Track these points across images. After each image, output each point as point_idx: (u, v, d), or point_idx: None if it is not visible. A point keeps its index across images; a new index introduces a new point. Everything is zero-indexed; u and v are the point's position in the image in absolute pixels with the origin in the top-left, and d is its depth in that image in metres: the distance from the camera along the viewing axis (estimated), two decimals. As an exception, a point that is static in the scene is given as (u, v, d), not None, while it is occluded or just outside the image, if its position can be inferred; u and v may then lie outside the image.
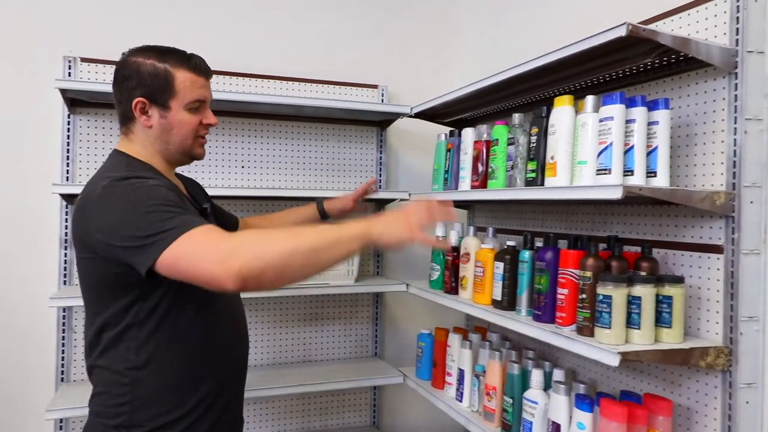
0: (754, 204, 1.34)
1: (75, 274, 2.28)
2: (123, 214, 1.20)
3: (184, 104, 1.37)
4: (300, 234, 1.18)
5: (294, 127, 2.59)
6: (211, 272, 1.11)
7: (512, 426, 1.71)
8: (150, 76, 1.34)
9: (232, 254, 1.11)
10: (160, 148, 1.39)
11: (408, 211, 1.28)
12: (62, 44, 2.28)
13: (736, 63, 1.35)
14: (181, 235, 1.14)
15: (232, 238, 1.17)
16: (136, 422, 1.29)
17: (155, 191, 1.23)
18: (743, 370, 1.33)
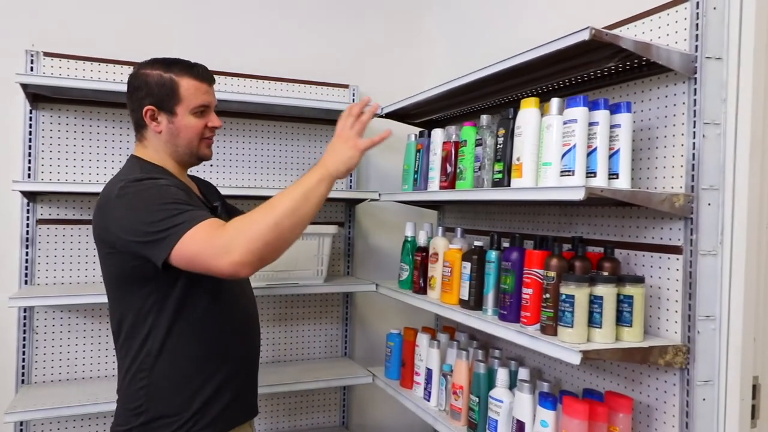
0: (711, 206, 1.38)
1: (36, 273, 2.24)
2: (138, 212, 1.31)
3: (189, 109, 1.49)
4: (275, 203, 1.29)
5: (264, 126, 2.58)
6: (219, 268, 1.24)
7: (478, 424, 1.73)
8: (157, 85, 1.47)
9: (228, 248, 1.23)
10: (170, 151, 1.52)
11: (340, 133, 1.44)
12: (24, 38, 2.23)
13: (696, 68, 1.39)
14: (189, 230, 1.26)
15: (225, 230, 1.26)
16: (151, 407, 1.41)
17: (165, 190, 1.35)
18: (700, 368, 1.36)
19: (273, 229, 1.25)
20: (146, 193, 1.34)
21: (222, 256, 1.22)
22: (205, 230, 1.26)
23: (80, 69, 2.28)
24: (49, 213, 2.25)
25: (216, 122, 1.55)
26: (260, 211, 1.28)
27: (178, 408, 1.42)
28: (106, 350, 2.33)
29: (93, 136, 2.31)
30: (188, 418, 1.43)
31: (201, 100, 1.50)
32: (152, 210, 1.30)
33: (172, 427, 1.41)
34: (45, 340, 2.25)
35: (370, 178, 2.82)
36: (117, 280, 1.43)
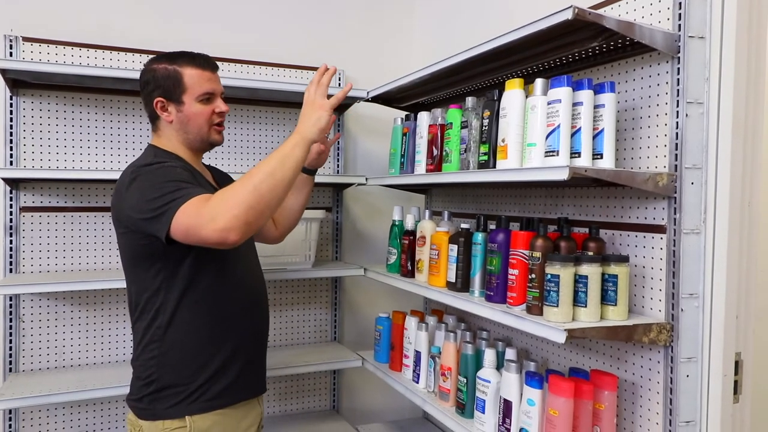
0: (694, 185, 1.39)
1: (21, 261, 2.22)
2: (144, 191, 1.40)
3: (195, 97, 1.56)
4: (253, 171, 1.36)
5: (248, 110, 2.56)
6: (208, 236, 1.30)
7: (466, 405, 1.74)
8: (163, 78, 1.56)
9: (213, 216, 1.29)
10: (182, 139, 1.60)
11: (305, 101, 1.54)
12: (2, 23, 2.19)
13: (679, 48, 1.39)
14: (182, 204, 1.32)
15: (209, 201, 1.33)
16: (160, 378, 1.50)
17: (170, 170, 1.45)
18: (684, 345, 1.38)
19: (252, 192, 1.32)
20: (152, 174, 1.43)
21: (208, 224, 1.29)
22: (195, 203, 1.33)
23: (61, 54, 2.24)
24: (33, 200, 2.23)
25: (222, 107, 1.61)
26: (239, 180, 1.37)
27: (186, 379, 1.50)
28: (93, 338, 2.32)
29: (75, 122, 2.29)
30: (195, 389, 1.50)
31: (205, 87, 1.57)
32: (155, 188, 1.38)
33: (180, 396, 1.50)
34: (32, 329, 2.24)
35: (357, 163, 2.81)
36: (131, 259, 1.54)
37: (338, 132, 2.61)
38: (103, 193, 2.32)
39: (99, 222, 2.32)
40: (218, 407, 1.53)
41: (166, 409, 1.50)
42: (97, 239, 2.32)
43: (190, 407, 1.50)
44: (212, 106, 1.60)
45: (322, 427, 2.52)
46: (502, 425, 1.57)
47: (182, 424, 1.49)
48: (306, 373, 2.63)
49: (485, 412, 1.64)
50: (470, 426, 1.68)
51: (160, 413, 1.50)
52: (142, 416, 1.53)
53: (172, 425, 1.49)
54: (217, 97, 1.62)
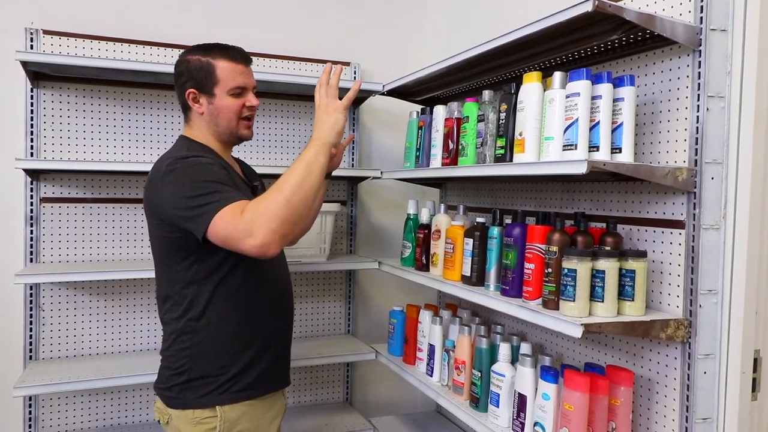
0: (714, 180, 1.36)
1: (41, 251, 2.24)
2: (182, 187, 1.40)
3: (226, 90, 1.55)
4: (281, 183, 1.36)
5: (265, 104, 2.56)
6: (246, 251, 1.32)
7: (480, 398, 1.73)
8: (196, 69, 1.55)
9: (249, 231, 1.30)
10: (212, 132, 1.60)
11: (318, 105, 1.53)
12: (23, 16, 2.21)
13: (700, 41, 1.36)
14: (220, 210, 1.33)
15: (245, 214, 1.32)
16: (191, 368, 1.51)
17: (207, 168, 1.44)
18: (702, 341, 1.36)
19: (285, 206, 1.32)
20: (190, 169, 1.43)
21: (246, 239, 1.30)
22: (232, 212, 1.33)
23: (80, 47, 2.26)
24: (53, 191, 2.25)
25: (253, 101, 1.60)
26: (271, 193, 1.36)
27: (217, 370, 1.52)
28: (111, 327, 2.34)
29: (94, 114, 2.30)
30: (226, 380, 1.52)
31: (237, 81, 1.56)
32: (194, 186, 1.39)
33: (211, 387, 1.51)
34: (51, 317, 2.26)
35: (372, 157, 2.80)
36: (164, 251, 1.54)
37: (351, 133, 2.59)
38: (122, 185, 2.34)
39: (117, 213, 2.34)
40: (247, 398, 1.54)
41: (197, 398, 1.51)
42: (115, 230, 2.34)
43: (220, 397, 1.51)
44: (243, 100, 1.58)
45: (335, 419, 2.52)
46: (516, 419, 1.56)
47: (212, 414, 1.50)
48: (320, 365, 2.64)
49: (499, 406, 1.63)
50: (484, 420, 1.67)
51: (190, 402, 1.51)
52: (171, 405, 1.54)
53: (203, 414, 1.50)
54: (248, 91, 1.60)
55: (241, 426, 1.52)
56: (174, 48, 2.37)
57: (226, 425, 1.50)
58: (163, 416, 1.57)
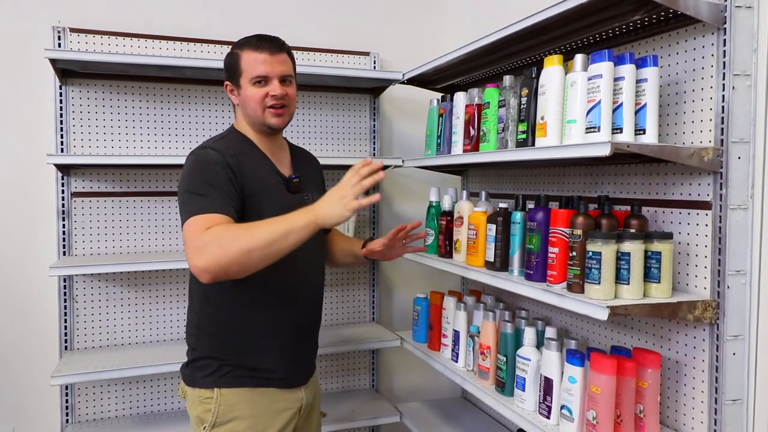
0: (741, 159, 1.34)
1: (73, 244, 2.29)
2: (184, 179, 1.49)
3: (249, 80, 1.57)
4: (256, 232, 1.35)
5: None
6: (190, 263, 1.37)
7: (506, 383, 1.73)
8: (228, 62, 1.62)
9: (200, 251, 1.34)
10: (248, 121, 1.63)
11: (341, 185, 1.40)
12: (51, 15, 2.24)
13: (725, 18, 1.33)
14: (192, 216, 1.40)
15: (206, 234, 1.35)
16: (198, 348, 1.58)
17: (210, 167, 1.47)
18: (730, 322, 1.34)
19: (244, 254, 1.33)
20: (195, 164, 1.50)
21: (194, 255, 1.34)
22: (198, 224, 1.38)
23: (105, 43, 2.29)
24: (83, 186, 2.29)
25: (276, 90, 1.57)
26: (241, 232, 1.36)
27: (220, 353, 1.55)
28: (142, 317, 2.38)
29: (121, 110, 2.33)
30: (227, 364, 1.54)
31: (257, 70, 1.56)
32: (190, 182, 1.47)
33: (212, 368, 1.55)
34: (84, 308, 2.31)
35: (392, 146, 2.80)
36: None
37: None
38: (149, 178, 2.37)
39: (146, 206, 2.37)
40: (245, 385, 1.55)
41: (201, 378, 1.56)
42: (144, 222, 2.37)
43: (220, 380, 1.54)
44: (266, 89, 1.57)
45: (362, 406, 2.54)
46: (542, 403, 1.55)
47: (211, 395, 1.54)
48: (346, 352, 2.66)
49: (525, 390, 1.63)
50: (510, 404, 1.67)
51: (197, 381, 1.56)
52: (186, 382, 1.61)
53: (205, 394, 1.54)
54: (272, 80, 1.58)
55: (239, 412, 1.53)
56: (197, 42, 2.39)
57: (222, 408, 1.52)
58: (183, 393, 1.63)
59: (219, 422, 1.52)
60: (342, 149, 2.67)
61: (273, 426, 1.57)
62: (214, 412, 1.52)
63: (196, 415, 1.55)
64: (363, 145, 2.70)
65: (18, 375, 2.28)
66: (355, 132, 2.69)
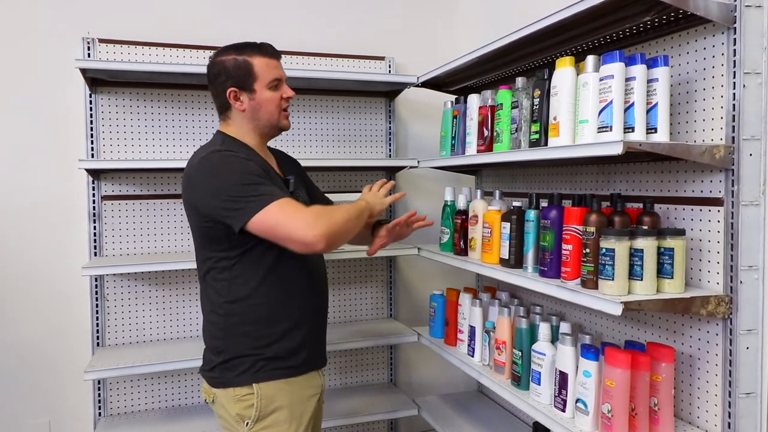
0: (753, 156, 1.32)
1: (104, 245, 2.32)
2: (221, 179, 1.44)
3: (265, 84, 1.57)
4: (347, 209, 1.52)
5: (305, 100, 2.58)
6: (304, 236, 1.38)
7: (521, 377, 1.72)
8: (234, 68, 1.57)
9: (314, 223, 1.38)
10: (253, 126, 1.61)
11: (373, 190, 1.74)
12: (81, 27, 2.28)
13: (735, 18, 1.31)
14: (271, 203, 1.38)
15: (309, 211, 1.42)
16: (228, 349, 1.54)
17: (245, 164, 1.47)
18: (743, 317, 1.32)
19: (345, 223, 1.47)
20: (229, 164, 1.46)
21: (306, 229, 1.37)
22: (294, 205, 1.41)
23: (132, 53, 2.32)
24: (113, 190, 2.32)
25: (289, 92, 1.63)
26: (337, 210, 1.50)
27: (253, 350, 1.53)
28: (169, 315, 2.41)
29: (148, 116, 2.36)
30: (261, 359, 1.53)
31: (273, 74, 1.59)
32: (236, 179, 1.43)
33: (247, 365, 1.52)
34: (115, 307, 2.34)
35: (408, 147, 2.80)
36: (200, 238, 1.57)
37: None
38: (174, 181, 2.40)
39: (172, 208, 2.40)
40: (282, 376, 1.55)
41: (235, 377, 1.53)
42: (170, 223, 2.40)
43: (256, 375, 1.52)
44: (280, 92, 1.61)
45: (381, 399, 2.54)
46: (558, 396, 1.54)
47: (250, 391, 1.51)
48: (365, 347, 2.66)
49: (541, 384, 1.62)
50: (526, 397, 1.66)
51: (230, 381, 1.53)
52: (214, 384, 1.57)
53: (242, 392, 1.52)
54: (283, 83, 1.63)
55: (279, 402, 1.53)
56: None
57: (263, 402, 1.51)
58: (209, 396, 1.60)
59: (262, 416, 1.52)
60: (359, 151, 2.67)
61: (307, 411, 1.59)
62: (256, 406, 1.51)
63: (236, 413, 1.53)
64: (379, 146, 2.70)
65: (53, 370, 2.31)
66: (371, 134, 2.69)
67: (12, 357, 2.27)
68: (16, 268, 2.27)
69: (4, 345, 2.26)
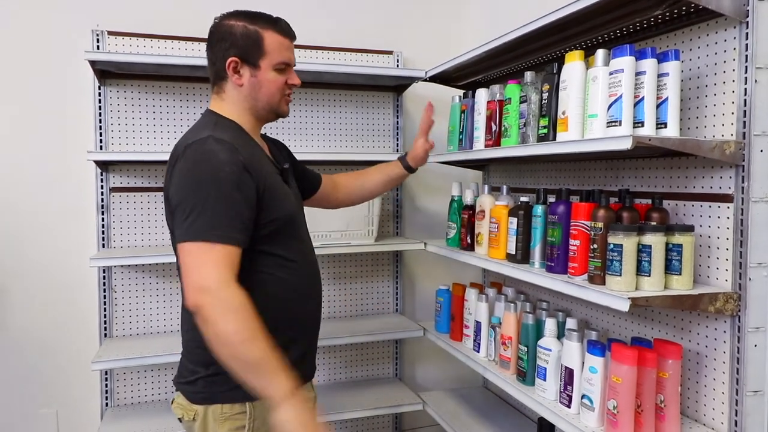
0: (764, 152, 1.30)
1: (112, 237, 2.32)
2: (186, 183, 1.23)
3: (272, 64, 1.38)
4: (251, 341, 1.15)
5: (313, 93, 2.57)
6: (187, 293, 1.17)
7: (527, 372, 1.71)
8: (242, 36, 1.36)
9: (207, 289, 1.14)
10: (249, 106, 1.40)
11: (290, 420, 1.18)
12: (90, 19, 2.28)
13: (747, 12, 1.29)
14: (205, 242, 1.17)
15: (229, 294, 1.16)
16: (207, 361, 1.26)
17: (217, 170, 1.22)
18: (752, 314, 1.30)
19: (225, 345, 1.15)
20: (201, 164, 1.23)
21: (197, 292, 1.15)
22: (216, 259, 1.17)
23: (141, 45, 2.32)
24: (120, 182, 2.32)
25: (296, 80, 1.44)
26: (245, 331, 1.15)
27: None
28: (177, 307, 2.42)
29: (156, 109, 2.36)
30: None
31: (283, 56, 1.40)
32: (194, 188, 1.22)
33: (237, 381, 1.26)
34: (122, 298, 2.35)
35: (416, 142, 2.78)
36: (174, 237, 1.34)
37: None
38: (182, 175, 2.40)
39: (179, 201, 2.40)
40: None
41: (225, 392, 1.29)
42: (177, 217, 2.40)
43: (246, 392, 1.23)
44: (286, 77, 1.42)
45: (386, 393, 2.54)
46: (563, 392, 1.53)
47: (242, 410, 1.31)
48: (370, 342, 2.66)
49: (546, 380, 1.61)
50: (531, 393, 1.66)
51: (218, 396, 1.31)
52: (196, 400, 1.32)
53: (233, 410, 1.30)
54: (291, 68, 1.44)
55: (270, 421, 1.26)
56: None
57: (256, 422, 1.30)
58: (187, 413, 1.34)
59: None
60: (367, 145, 2.67)
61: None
62: (249, 427, 1.30)
63: None
64: (387, 141, 2.69)
65: (61, 361, 2.33)
66: (379, 128, 2.68)
67: (21, 347, 2.29)
68: (26, 259, 2.28)
69: (14, 335, 2.28)
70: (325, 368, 2.66)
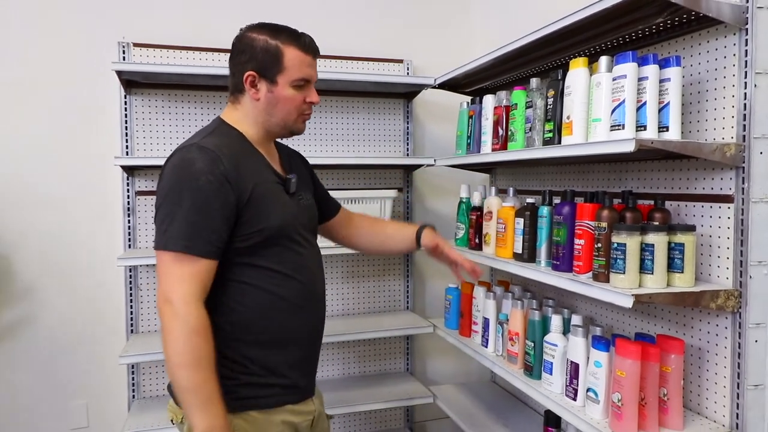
0: (763, 154, 1.29)
1: (138, 237, 2.34)
2: (163, 187, 1.22)
3: (290, 81, 1.32)
4: (188, 368, 1.15)
5: (327, 100, 2.58)
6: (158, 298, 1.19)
7: (534, 367, 1.71)
8: (262, 51, 1.31)
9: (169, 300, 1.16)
10: (263, 120, 1.35)
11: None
12: (117, 32, 2.31)
13: (746, 19, 1.28)
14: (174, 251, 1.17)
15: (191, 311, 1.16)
16: None
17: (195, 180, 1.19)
18: (752, 311, 1.29)
19: (177, 361, 1.16)
20: (179, 171, 1.20)
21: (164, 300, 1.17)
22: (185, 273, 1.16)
23: (165, 56, 2.34)
24: (145, 185, 2.34)
25: (314, 98, 1.37)
26: (197, 357, 1.16)
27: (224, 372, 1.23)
28: (199, 305, 2.43)
29: (179, 117, 2.38)
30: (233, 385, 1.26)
31: (303, 73, 1.33)
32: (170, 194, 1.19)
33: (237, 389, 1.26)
34: (147, 295, 2.37)
35: (425, 147, 2.79)
36: None
37: None
38: (204, 178, 2.41)
39: (200, 204, 2.41)
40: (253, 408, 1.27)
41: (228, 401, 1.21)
42: (199, 219, 2.42)
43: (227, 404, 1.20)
44: (304, 94, 1.35)
45: (398, 387, 2.54)
46: (569, 386, 1.53)
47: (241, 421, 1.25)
48: (382, 338, 2.66)
49: (553, 374, 1.60)
50: (538, 386, 1.65)
51: None
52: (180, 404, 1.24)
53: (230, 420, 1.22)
54: (311, 85, 1.37)
55: None
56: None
57: None
58: (176, 415, 1.30)
59: None
60: (378, 150, 2.67)
61: None
62: None
63: None
64: (397, 146, 2.70)
65: (90, 355, 2.35)
66: (390, 134, 2.68)
67: (52, 342, 2.31)
68: (58, 259, 2.31)
69: (46, 331, 2.30)
70: (339, 363, 2.66)
